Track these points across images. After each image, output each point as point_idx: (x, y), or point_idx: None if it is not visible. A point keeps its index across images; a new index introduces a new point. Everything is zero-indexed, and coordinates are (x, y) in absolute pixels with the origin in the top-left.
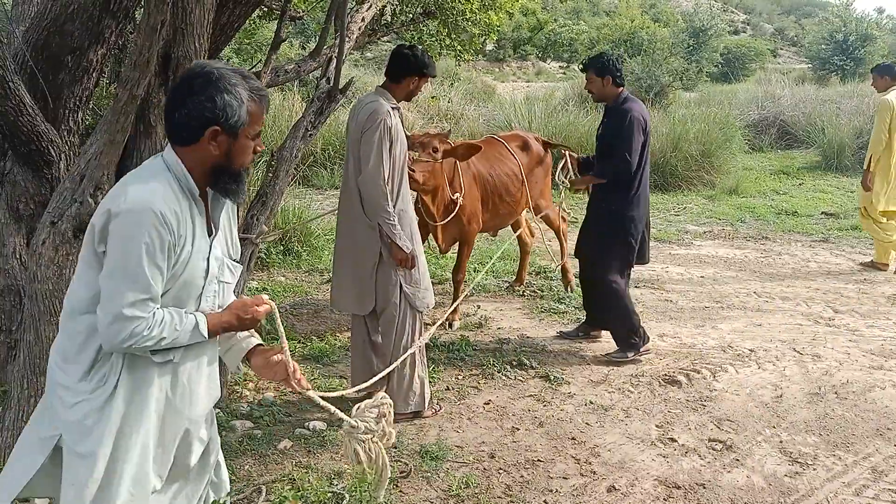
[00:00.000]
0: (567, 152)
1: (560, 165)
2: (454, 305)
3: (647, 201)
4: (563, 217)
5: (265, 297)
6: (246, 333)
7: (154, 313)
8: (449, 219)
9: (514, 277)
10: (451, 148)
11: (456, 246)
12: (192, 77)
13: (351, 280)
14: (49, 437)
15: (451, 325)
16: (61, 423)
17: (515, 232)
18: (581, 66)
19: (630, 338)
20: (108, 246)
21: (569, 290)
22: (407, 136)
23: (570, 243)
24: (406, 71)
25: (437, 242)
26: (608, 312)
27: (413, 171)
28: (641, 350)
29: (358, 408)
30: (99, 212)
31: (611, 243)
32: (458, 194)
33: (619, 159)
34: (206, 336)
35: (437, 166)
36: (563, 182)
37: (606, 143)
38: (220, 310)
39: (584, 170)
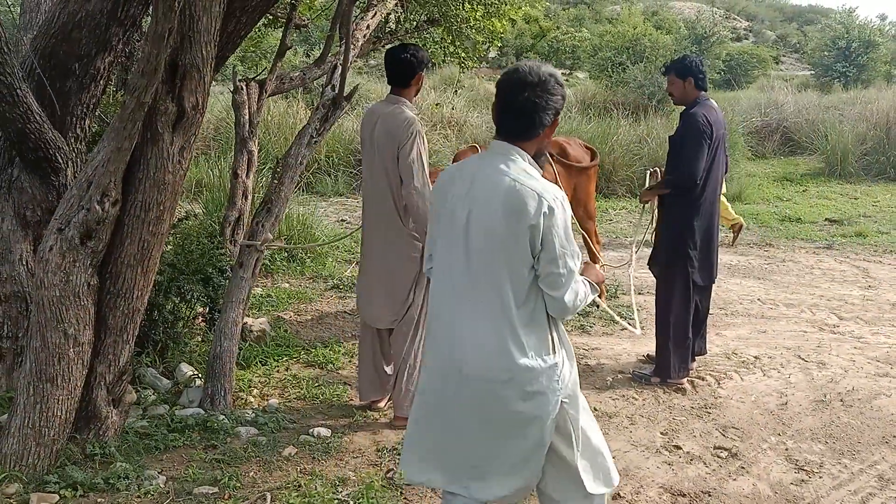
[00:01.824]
0: (655, 169)
1: (647, 183)
2: None
3: (710, 211)
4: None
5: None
6: None
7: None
8: None
9: None
10: None
11: None
12: (543, 80)
13: (387, 295)
14: (553, 414)
15: None
16: (560, 395)
17: None
18: (663, 69)
19: (673, 366)
20: (548, 238)
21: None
22: None
23: None
24: (413, 71)
25: None
26: (660, 329)
27: None
28: (672, 381)
29: None
30: (532, 215)
31: (672, 258)
32: None
33: (680, 167)
34: (597, 290)
35: None
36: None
37: (674, 149)
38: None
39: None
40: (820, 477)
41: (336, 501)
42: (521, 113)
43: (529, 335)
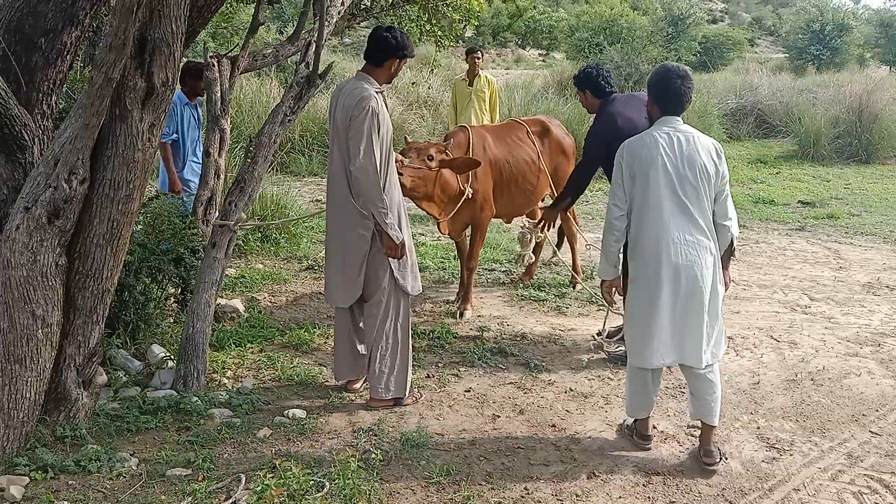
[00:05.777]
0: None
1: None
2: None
3: None
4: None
5: None
6: None
7: None
8: (457, 209)
9: (524, 271)
10: (448, 159)
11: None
12: (686, 73)
13: (341, 273)
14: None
15: (461, 316)
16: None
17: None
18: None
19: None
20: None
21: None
22: (406, 140)
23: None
24: (387, 54)
25: (442, 232)
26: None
27: (401, 174)
28: None
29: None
30: (722, 155)
31: None
32: (467, 186)
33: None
34: None
35: (430, 174)
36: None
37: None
38: None
39: None
40: (791, 455)
41: (312, 482)
42: (677, 95)
43: (712, 228)
